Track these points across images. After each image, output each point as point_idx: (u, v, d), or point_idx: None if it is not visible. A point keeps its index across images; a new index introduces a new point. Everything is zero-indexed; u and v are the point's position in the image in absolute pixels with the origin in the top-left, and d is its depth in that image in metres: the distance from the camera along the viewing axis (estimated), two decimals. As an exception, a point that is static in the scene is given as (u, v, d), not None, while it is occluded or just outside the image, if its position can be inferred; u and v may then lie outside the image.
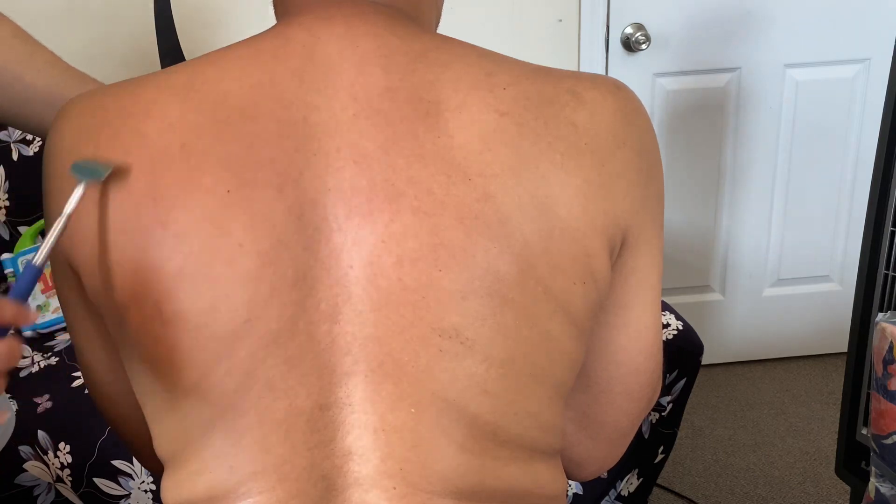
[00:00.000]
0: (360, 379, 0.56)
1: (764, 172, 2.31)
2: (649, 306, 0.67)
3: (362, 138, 0.58)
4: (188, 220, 0.57)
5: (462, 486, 0.57)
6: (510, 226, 0.57)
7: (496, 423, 0.58)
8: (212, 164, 0.57)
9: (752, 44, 2.19)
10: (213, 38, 2.04)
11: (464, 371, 0.56)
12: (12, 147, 1.77)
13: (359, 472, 0.56)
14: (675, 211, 2.31)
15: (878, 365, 1.22)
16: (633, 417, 0.72)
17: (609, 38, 2.17)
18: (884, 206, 1.38)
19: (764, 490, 2.01)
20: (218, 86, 0.60)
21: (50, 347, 1.61)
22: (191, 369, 0.57)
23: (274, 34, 0.63)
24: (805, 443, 2.16)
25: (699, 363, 1.63)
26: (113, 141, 0.60)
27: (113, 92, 0.63)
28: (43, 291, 1.66)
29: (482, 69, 0.61)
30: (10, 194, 1.76)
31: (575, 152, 0.59)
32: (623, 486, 1.64)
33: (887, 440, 1.22)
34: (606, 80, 0.63)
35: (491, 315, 0.56)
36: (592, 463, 0.74)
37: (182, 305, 0.57)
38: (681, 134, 2.27)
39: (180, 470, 0.60)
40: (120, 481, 1.36)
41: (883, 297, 1.40)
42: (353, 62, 0.60)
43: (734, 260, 2.40)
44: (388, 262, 0.56)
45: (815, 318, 2.45)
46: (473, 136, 0.58)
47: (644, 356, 0.69)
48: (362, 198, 0.57)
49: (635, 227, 0.63)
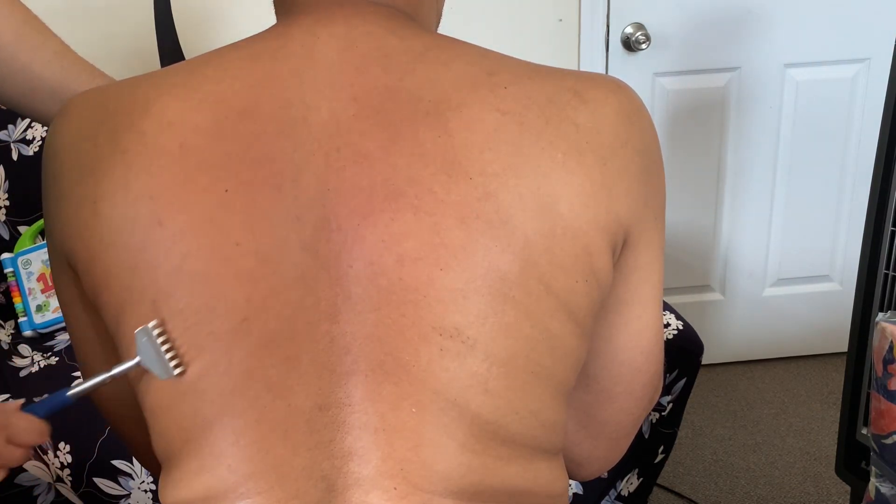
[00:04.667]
0: (360, 378, 0.56)
1: (764, 172, 2.31)
2: (651, 305, 0.67)
3: (362, 138, 0.58)
4: (186, 219, 0.57)
5: (463, 486, 0.57)
6: (511, 225, 0.56)
7: (497, 423, 0.57)
8: (210, 163, 0.57)
9: (752, 44, 2.19)
10: (213, 37, 2.04)
11: (465, 370, 0.56)
12: (12, 147, 1.77)
13: (359, 472, 0.56)
14: (675, 211, 2.31)
15: (878, 365, 1.22)
16: (635, 417, 0.72)
17: (609, 38, 2.17)
18: (884, 206, 1.38)
19: (764, 490, 2.01)
20: (217, 85, 0.60)
21: (50, 347, 1.61)
22: (189, 369, 0.57)
23: (274, 34, 0.63)
24: (805, 443, 2.16)
25: (699, 363, 1.63)
26: (112, 139, 0.60)
27: (112, 91, 0.63)
28: (43, 291, 1.66)
29: (483, 68, 0.61)
30: (10, 194, 1.76)
31: (576, 151, 0.59)
32: (623, 486, 1.64)
33: (887, 440, 1.22)
34: (608, 80, 0.63)
35: (492, 314, 0.56)
36: (593, 462, 0.74)
37: (180, 304, 0.57)
38: (681, 134, 2.27)
39: (179, 469, 0.59)
40: (120, 481, 1.36)
41: (883, 297, 1.40)
42: (353, 62, 0.60)
43: (734, 260, 2.40)
44: (389, 261, 0.56)
45: (815, 318, 2.45)
46: (474, 136, 0.58)
47: (645, 355, 0.69)
48: (362, 197, 0.57)
49: (637, 226, 0.63)
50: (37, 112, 0.88)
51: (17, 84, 0.86)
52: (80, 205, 0.60)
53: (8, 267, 1.67)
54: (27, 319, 1.65)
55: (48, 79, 0.86)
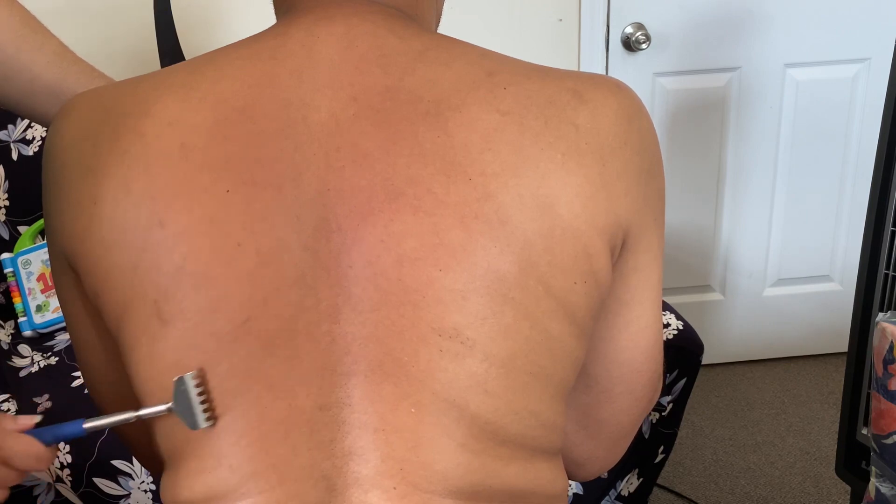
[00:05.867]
0: (359, 379, 0.56)
1: (764, 172, 2.31)
2: (650, 305, 0.67)
3: (362, 138, 0.58)
4: (187, 220, 0.57)
5: (462, 486, 0.57)
6: (511, 225, 0.56)
7: (497, 423, 0.57)
8: (211, 163, 0.57)
9: (752, 44, 2.19)
10: (213, 38, 2.04)
11: (464, 371, 0.56)
12: (12, 147, 1.77)
13: (359, 472, 0.56)
14: (675, 211, 2.31)
15: (878, 365, 1.22)
16: (634, 417, 0.72)
17: (609, 38, 2.17)
18: (884, 206, 1.38)
19: (764, 490, 2.01)
20: (217, 85, 0.60)
21: (50, 347, 1.61)
22: (190, 369, 0.57)
23: (274, 34, 0.63)
24: (805, 443, 2.16)
25: (699, 363, 1.63)
26: (112, 140, 0.60)
27: (112, 91, 0.63)
28: (43, 291, 1.66)
29: (483, 69, 0.61)
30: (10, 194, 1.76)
31: (576, 152, 0.59)
32: (623, 486, 1.64)
33: (887, 440, 1.22)
34: (608, 80, 0.63)
35: (491, 314, 0.56)
36: (593, 463, 0.74)
37: (181, 305, 0.57)
38: (681, 134, 2.27)
39: (179, 469, 0.59)
40: (120, 481, 1.36)
41: (883, 297, 1.40)
42: (353, 62, 0.60)
43: (734, 260, 2.40)
44: (388, 261, 0.56)
45: (815, 318, 2.45)
46: (474, 136, 0.58)
47: (645, 355, 0.69)
48: (362, 197, 0.57)
49: (636, 227, 0.63)
50: (36, 113, 0.88)
51: (17, 85, 0.86)
52: (81, 205, 0.60)
53: (8, 267, 1.68)
54: (27, 319, 1.65)
55: (47, 79, 0.86)
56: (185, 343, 0.57)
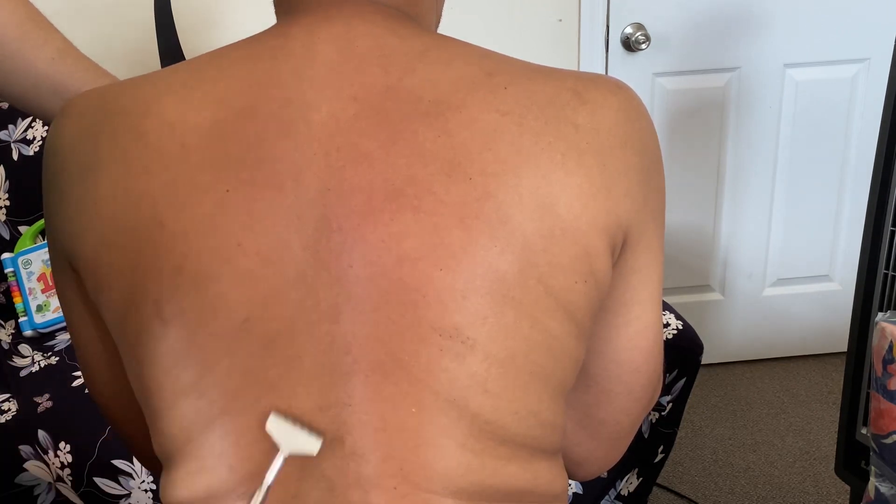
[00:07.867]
0: (360, 379, 0.56)
1: (764, 172, 2.31)
2: (650, 305, 0.67)
3: (362, 138, 0.58)
4: (187, 220, 0.57)
5: (463, 486, 0.57)
6: (511, 225, 0.57)
7: (497, 422, 0.58)
8: (211, 163, 0.57)
9: (752, 44, 2.19)
10: (213, 38, 2.04)
11: (464, 370, 0.56)
12: (12, 147, 1.77)
13: (359, 471, 0.56)
14: (675, 211, 2.31)
15: (878, 365, 1.22)
16: (634, 416, 0.72)
17: (609, 38, 2.17)
18: (884, 206, 1.38)
19: (764, 490, 2.01)
20: (218, 85, 0.60)
21: (50, 347, 1.61)
22: (190, 369, 0.57)
23: (274, 34, 0.63)
24: (805, 443, 2.16)
25: (699, 363, 1.63)
26: (112, 140, 0.60)
27: (113, 91, 0.63)
28: (43, 291, 1.66)
29: (483, 69, 0.61)
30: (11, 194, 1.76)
31: (576, 152, 0.59)
32: (623, 486, 1.64)
33: (887, 440, 1.22)
34: (608, 80, 0.63)
35: (492, 314, 0.56)
36: (593, 462, 0.74)
37: (181, 305, 0.57)
38: (681, 134, 2.27)
39: (179, 469, 0.59)
40: (120, 481, 1.36)
41: (883, 297, 1.40)
42: (353, 62, 0.60)
43: (734, 260, 2.40)
44: (389, 261, 0.56)
45: (815, 317, 2.45)
46: (474, 136, 0.58)
47: (645, 355, 0.69)
48: (362, 197, 0.57)
49: (636, 227, 0.63)
50: (40, 109, 0.88)
51: (21, 81, 0.86)
52: (81, 205, 0.60)
53: (8, 267, 1.68)
54: (27, 319, 1.65)
55: (51, 76, 0.86)
56: (185, 343, 0.57)
